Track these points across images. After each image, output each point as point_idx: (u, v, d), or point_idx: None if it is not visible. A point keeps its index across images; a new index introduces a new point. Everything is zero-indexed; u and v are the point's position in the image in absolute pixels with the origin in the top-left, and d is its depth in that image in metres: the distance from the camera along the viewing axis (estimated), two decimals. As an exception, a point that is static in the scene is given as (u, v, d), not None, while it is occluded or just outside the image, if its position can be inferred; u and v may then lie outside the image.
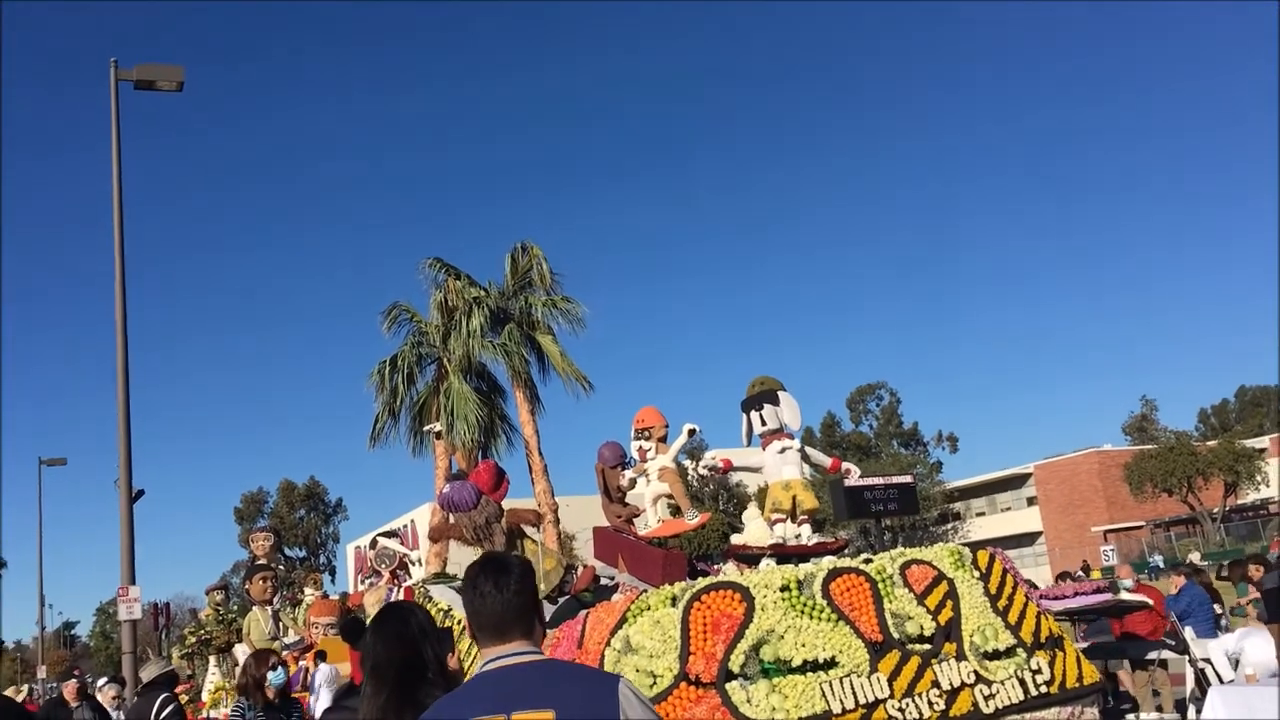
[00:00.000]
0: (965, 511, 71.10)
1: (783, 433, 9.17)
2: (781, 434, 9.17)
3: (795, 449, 9.13)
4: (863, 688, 6.89)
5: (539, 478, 26.70)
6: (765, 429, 9.13)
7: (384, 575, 12.48)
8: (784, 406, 9.17)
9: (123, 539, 18.68)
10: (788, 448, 9.09)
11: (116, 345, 19.16)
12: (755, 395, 9.27)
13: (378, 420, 27.23)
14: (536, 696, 2.80)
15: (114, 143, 19.78)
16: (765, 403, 9.16)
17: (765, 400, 9.17)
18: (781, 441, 9.12)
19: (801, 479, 9.09)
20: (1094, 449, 68.65)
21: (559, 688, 2.85)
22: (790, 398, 9.27)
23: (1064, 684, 7.54)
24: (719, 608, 7.17)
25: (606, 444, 10.27)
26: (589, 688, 2.88)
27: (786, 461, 9.05)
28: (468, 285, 27.31)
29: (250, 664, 6.87)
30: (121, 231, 19.56)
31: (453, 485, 9.96)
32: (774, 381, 9.43)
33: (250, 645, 12.53)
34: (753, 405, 9.22)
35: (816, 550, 8.82)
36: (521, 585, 2.99)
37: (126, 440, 18.92)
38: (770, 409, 9.13)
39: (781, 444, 9.11)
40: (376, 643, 3.53)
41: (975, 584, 7.85)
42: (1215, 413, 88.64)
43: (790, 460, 9.08)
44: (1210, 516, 57.09)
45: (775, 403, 9.15)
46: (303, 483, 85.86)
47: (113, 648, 70.41)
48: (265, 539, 15.12)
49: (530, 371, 27.16)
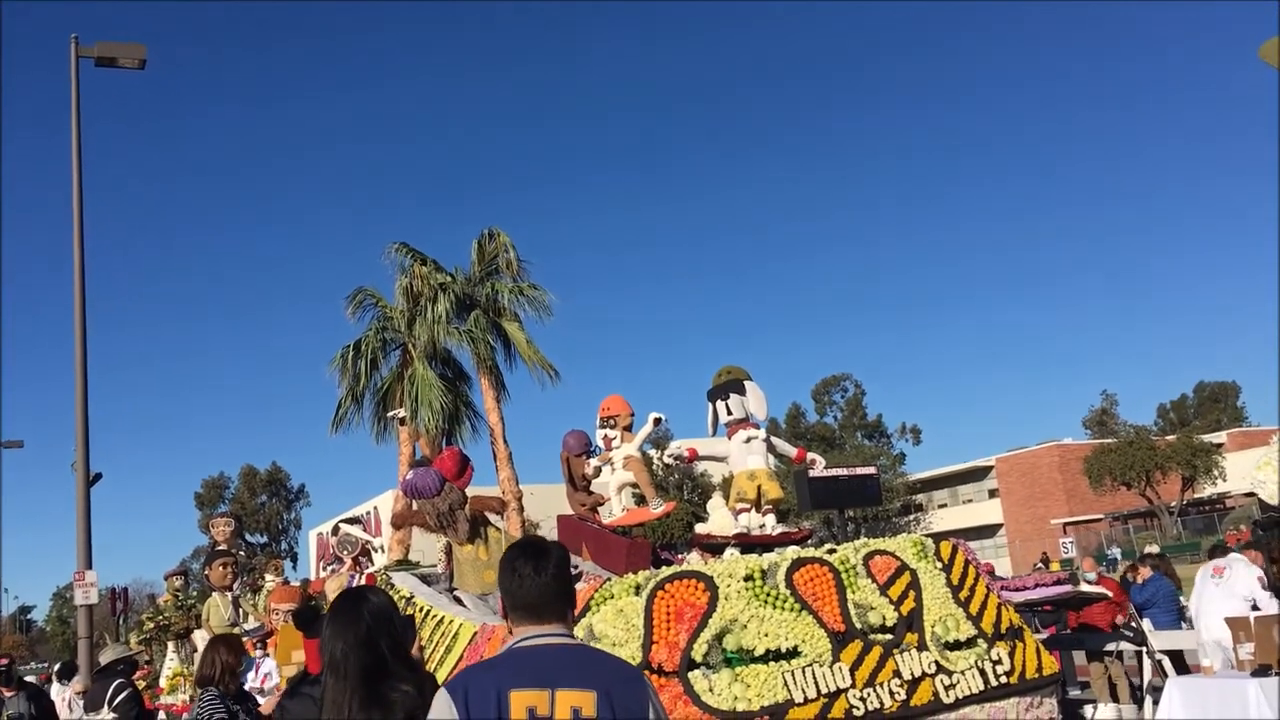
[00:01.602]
0: (927, 503, 71.65)
1: (748, 422, 9.18)
2: (747, 423, 9.17)
3: (761, 438, 9.14)
4: (825, 677, 6.91)
5: (503, 465, 26.60)
6: (731, 418, 9.13)
7: (346, 562, 12.42)
8: (750, 396, 9.17)
9: (79, 523, 18.45)
10: (753, 437, 9.09)
11: (75, 328, 18.91)
12: (721, 385, 9.27)
13: (340, 406, 27.02)
14: (578, 677, 2.86)
15: (74, 122, 19.49)
16: (731, 392, 9.16)
17: (731, 390, 9.17)
18: (747, 431, 9.12)
19: (767, 469, 9.09)
20: (1055, 442, 69.33)
21: (597, 672, 2.92)
22: (756, 387, 9.28)
23: (1024, 674, 7.61)
24: (683, 597, 7.17)
25: (571, 432, 10.24)
26: (623, 676, 2.96)
27: (752, 451, 9.05)
28: (434, 271, 27.13)
29: (223, 651, 6.70)
30: (81, 213, 19.29)
31: (416, 472, 9.90)
32: (740, 371, 9.43)
33: (209, 631, 12.43)
34: (719, 395, 9.22)
35: (781, 540, 8.84)
36: (558, 569, 3.05)
37: (84, 423, 18.69)
38: (736, 398, 9.13)
39: (747, 433, 9.11)
40: (331, 635, 3.46)
41: (938, 575, 7.90)
42: (1174, 408, 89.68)
43: (756, 450, 9.08)
44: (1168, 510, 57.85)
45: (741, 392, 9.15)
46: (264, 468, 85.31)
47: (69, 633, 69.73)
48: (226, 524, 15.00)
49: (496, 359, 27.03)
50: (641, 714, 2.87)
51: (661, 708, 2.96)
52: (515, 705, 2.80)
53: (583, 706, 2.81)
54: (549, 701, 2.81)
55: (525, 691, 2.82)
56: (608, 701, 2.83)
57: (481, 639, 8.61)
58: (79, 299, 18.98)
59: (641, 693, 2.91)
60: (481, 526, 9.91)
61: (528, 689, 2.82)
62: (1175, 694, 8.02)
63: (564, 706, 2.81)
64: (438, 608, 9.53)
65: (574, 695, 2.82)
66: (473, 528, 9.79)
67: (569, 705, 2.81)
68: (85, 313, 19.05)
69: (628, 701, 2.86)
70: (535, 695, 2.81)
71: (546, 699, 2.81)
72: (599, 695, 2.83)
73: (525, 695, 2.81)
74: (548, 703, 2.81)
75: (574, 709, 2.81)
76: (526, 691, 2.82)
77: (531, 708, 2.80)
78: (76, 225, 19.20)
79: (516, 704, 2.80)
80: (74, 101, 19.49)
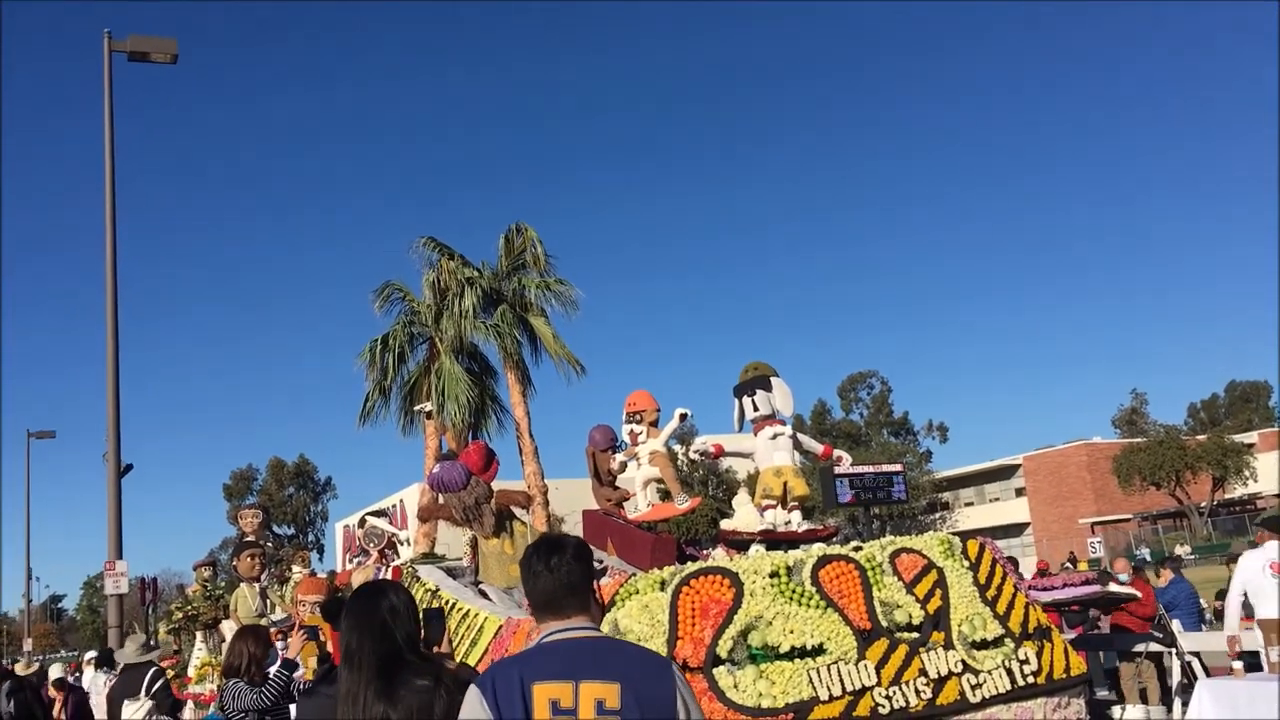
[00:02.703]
0: (954, 501, 71.28)
1: (774, 419, 9.14)
2: (773, 420, 9.14)
3: (787, 435, 9.10)
4: (850, 675, 6.88)
5: (529, 460, 26.65)
6: (757, 415, 9.10)
7: (372, 554, 12.45)
8: (776, 392, 9.14)
9: (110, 513, 18.64)
10: (779, 434, 9.06)
11: (107, 319, 19.08)
12: (748, 381, 9.24)
13: (368, 399, 27.16)
14: (601, 669, 2.86)
15: (107, 115, 19.67)
16: (757, 388, 9.13)
17: (757, 386, 9.14)
18: (773, 427, 9.09)
19: (793, 465, 9.06)
20: (1083, 441, 68.82)
21: (621, 663, 2.92)
22: (783, 384, 9.24)
23: (1051, 674, 7.55)
24: (708, 593, 7.15)
25: (598, 427, 10.23)
26: (648, 667, 2.96)
27: (778, 447, 9.02)
28: (461, 265, 27.20)
29: (250, 642, 6.73)
30: (113, 205, 19.46)
31: (442, 465, 9.91)
32: (767, 367, 9.40)
33: (237, 621, 12.51)
34: (745, 391, 9.19)
35: (806, 537, 8.80)
36: (573, 564, 3.06)
37: (115, 414, 18.86)
38: (762, 395, 9.10)
39: (773, 430, 9.08)
40: (348, 628, 3.47)
41: (965, 573, 7.84)
42: (1205, 407, 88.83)
43: (782, 446, 9.05)
44: (1198, 510, 57.32)
45: (767, 388, 9.12)
46: (292, 461, 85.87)
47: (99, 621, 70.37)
48: (254, 516, 15.08)
49: (522, 353, 27.08)
50: (668, 705, 2.86)
51: (691, 697, 2.95)
52: (538, 697, 2.81)
53: (606, 698, 2.81)
54: (572, 693, 2.81)
55: (548, 684, 2.82)
56: (632, 693, 2.82)
57: (506, 632, 8.62)
58: (111, 291, 19.14)
59: (668, 683, 2.90)
60: (507, 520, 9.93)
61: (551, 681, 2.83)
62: (1205, 696, 7.94)
63: (587, 699, 2.81)
64: (463, 601, 9.55)
65: (597, 687, 2.82)
66: (498, 522, 9.80)
67: (592, 697, 2.81)
68: (117, 305, 19.23)
69: (653, 692, 2.85)
70: (558, 687, 2.82)
71: (570, 691, 2.81)
72: (623, 687, 2.83)
73: (548, 687, 2.82)
74: (571, 695, 2.81)
75: (597, 701, 2.81)
76: (549, 684, 2.82)
77: (554, 700, 2.81)
78: (109, 218, 19.37)
79: (539, 696, 2.81)
80: (106, 95, 19.66)
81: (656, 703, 2.84)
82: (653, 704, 2.84)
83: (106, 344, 18.98)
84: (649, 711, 2.83)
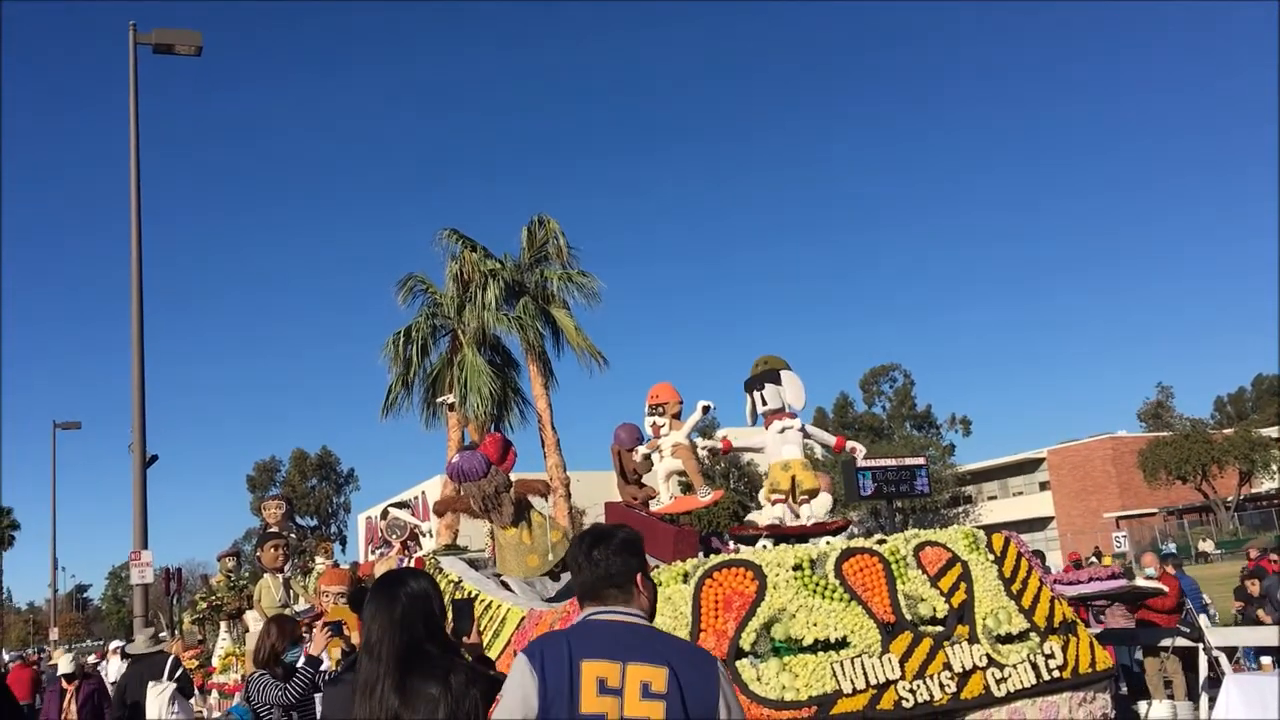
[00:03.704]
0: (977, 495, 70.99)
1: (784, 412, 9.09)
2: (783, 413, 9.08)
3: (796, 428, 9.03)
4: (874, 668, 6.84)
5: (551, 452, 26.69)
6: (767, 408, 9.04)
7: (394, 546, 12.49)
8: (786, 385, 9.07)
9: (135, 504, 18.74)
10: (788, 427, 8.99)
11: (132, 310, 19.18)
12: (757, 375, 9.18)
13: (391, 391, 27.25)
14: (650, 652, 2.88)
15: (131, 107, 19.75)
16: (766, 382, 9.07)
17: (767, 379, 9.08)
18: (782, 421, 9.04)
19: (801, 459, 9.00)
20: (1108, 435, 68.39)
21: (669, 650, 2.94)
22: (794, 376, 9.17)
23: (1076, 669, 7.49)
24: (731, 585, 7.13)
25: (623, 426, 10.20)
26: (694, 657, 2.98)
27: (786, 441, 8.96)
28: (483, 257, 27.25)
29: (273, 632, 6.74)
30: (138, 196, 19.55)
31: (462, 455, 9.93)
32: (778, 360, 9.33)
33: (260, 612, 12.57)
34: (754, 385, 9.14)
35: (815, 531, 8.75)
36: (614, 558, 3.07)
37: (141, 405, 18.97)
38: (772, 388, 9.03)
39: (782, 423, 9.02)
40: (369, 617, 3.44)
41: (989, 567, 7.79)
42: (1232, 401, 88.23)
43: (790, 440, 8.98)
44: (1224, 505, 56.89)
45: (777, 382, 9.05)
46: (315, 452, 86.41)
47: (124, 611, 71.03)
48: (277, 507, 15.15)
49: (544, 345, 27.12)
50: (711, 695, 2.86)
51: (732, 692, 2.95)
52: (586, 675, 2.82)
53: (653, 681, 2.82)
54: (620, 674, 2.82)
55: (596, 662, 2.84)
56: (677, 679, 2.83)
57: (529, 624, 8.62)
58: (136, 282, 19.24)
59: (712, 674, 2.90)
60: (526, 510, 9.93)
61: (599, 660, 2.85)
62: (1233, 691, 7.87)
63: (634, 680, 2.82)
64: (485, 592, 9.56)
65: (645, 670, 2.83)
66: (517, 511, 9.81)
67: (639, 679, 2.82)
68: (142, 296, 19.33)
69: (696, 681, 2.86)
70: (606, 666, 2.83)
71: (617, 671, 2.83)
72: (670, 672, 2.83)
73: (596, 666, 2.83)
74: (618, 675, 2.82)
75: (644, 683, 2.82)
76: (598, 662, 2.84)
77: (602, 679, 2.82)
78: (134, 209, 19.46)
79: (587, 673, 2.82)
80: (132, 87, 19.74)
81: (700, 692, 2.85)
82: (696, 693, 2.84)
83: (131, 335, 19.09)
84: (692, 700, 2.83)
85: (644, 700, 2.80)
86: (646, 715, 2.79)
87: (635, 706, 2.80)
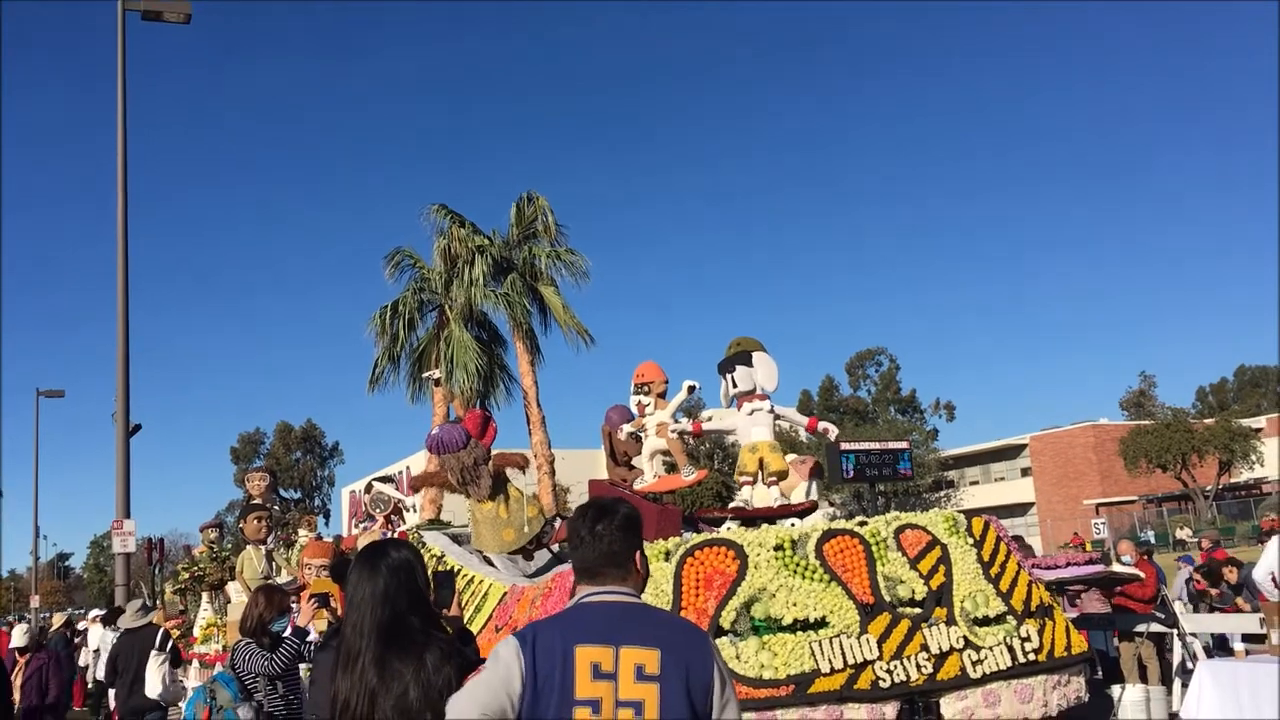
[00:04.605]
0: (959, 480, 71.30)
1: (755, 394, 9.10)
2: (754, 395, 9.09)
3: (765, 410, 9.04)
4: (852, 648, 6.91)
5: (536, 429, 26.71)
6: (737, 390, 9.06)
7: (378, 520, 12.53)
8: (758, 367, 9.07)
9: (119, 473, 18.72)
10: (757, 409, 9.00)
11: (118, 279, 19.11)
12: (729, 357, 9.20)
13: (377, 365, 27.21)
14: (641, 635, 2.89)
15: (120, 73, 19.62)
16: (738, 364, 9.07)
17: (738, 361, 9.09)
18: (752, 403, 9.05)
19: (770, 441, 9.01)
20: (1090, 423, 68.73)
21: (661, 630, 2.95)
22: (766, 357, 9.17)
23: (1052, 652, 7.57)
24: (712, 564, 7.18)
25: (615, 407, 10.21)
26: (687, 635, 2.99)
27: (755, 423, 8.97)
28: (472, 233, 27.17)
29: (260, 602, 6.74)
30: (124, 165, 19.44)
31: (442, 427, 9.96)
32: (750, 342, 9.33)
33: (243, 583, 12.60)
34: (727, 367, 9.15)
35: (780, 512, 8.78)
36: (617, 534, 3.07)
37: (125, 375, 18.92)
38: (743, 370, 9.04)
39: (751, 405, 9.03)
40: (351, 588, 3.44)
41: (969, 550, 7.86)
42: (1213, 391, 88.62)
43: (760, 422, 8.99)
44: (1203, 494, 57.27)
45: (748, 363, 9.06)
46: (300, 425, 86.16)
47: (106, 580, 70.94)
48: (261, 479, 15.17)
49: (531, 322, 27.10)
50: (705, 674, 2.88)
51: (726, 669, 2.97)
52: (580, 659, 2.84)
53: (646, 663, 2.83)
54: (613, 658, 2.83)
55: (590, 647, 2.85)
56: (671, 660, 2.85)
57: (511, 600, 8.66)
58: (122, 251, 19.16)
59: (706, 653, 2.92)
60: (504, 484, 9.96)
61: (592, 644, 2.85)
62: (1206, 677, 7.97)
63: (627, 663, 2.83)
64: (468, 568, 9.60)
65: (638, 652, 2.84)
66: (495, 485, 9.83)
67: (632, 662, 2.83)
68: (128, 265, 19.25)
69: (691, 661, 2.87)
70: (600, 651, 2.84)
71: (610, 655, 2.84)
72: (662, 653, 2.85)
73: (590, 650, 2.84)
74: (612, 659, 2.83)
75: (637, 666, 2.83)
76: (591, 647, 2.85)
77: (596, 663, 2.83)
78: (120, 178, 19.36)
79: (581, 658, 2.84)
80: (120, 54, 19.60)
81: (694, 671, 2.87)
82: (691, 672, 2.86)
83: (117, 304, 19.02)
84: (688, 679, 2.85)
85: (638, 683, 2.82)
86: (641, 698, 2.81)
87: (630, 689, 2.82)
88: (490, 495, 9.80)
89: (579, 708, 2.81)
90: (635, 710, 2.81)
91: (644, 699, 2.81)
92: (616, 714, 2.80)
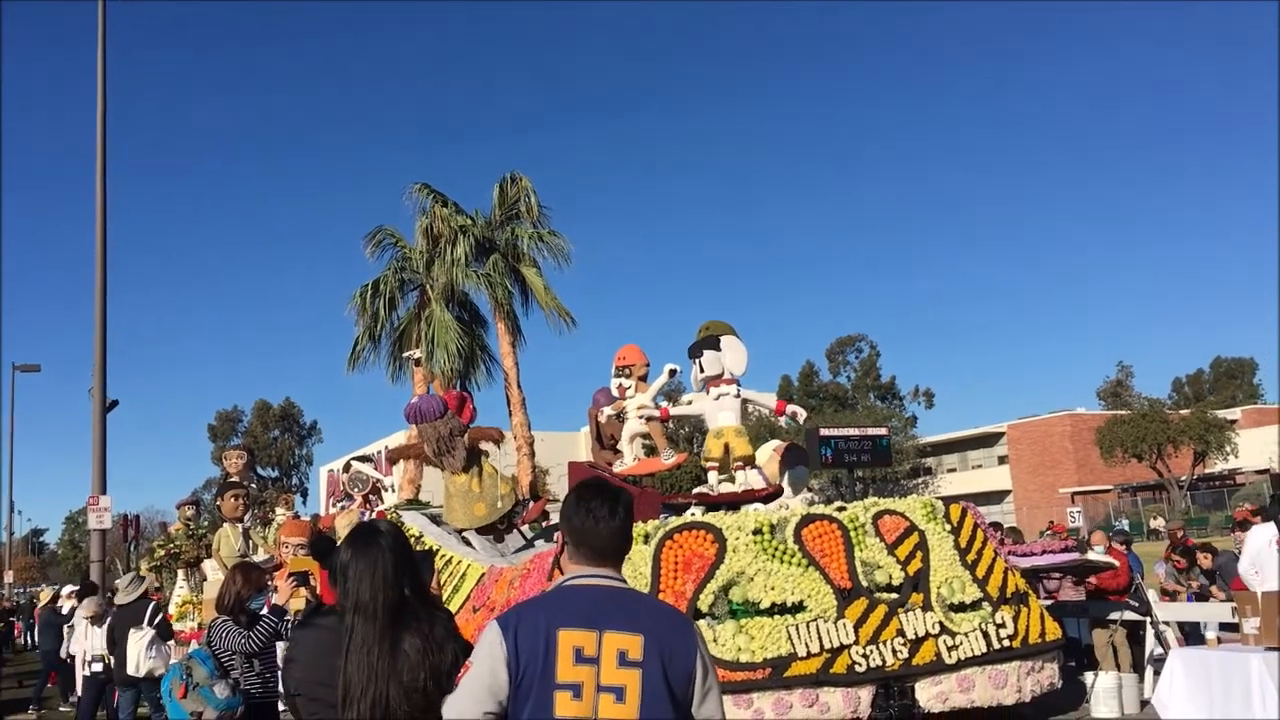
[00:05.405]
0: (937, 467, 71.65)
1: (723, 378, 9.09)
2: (721, 379, 9.08)
3: (732, 395, 9.04)
4: (829, 633, 6.95)
5: (517, 410, 26.66)
6: (705, 375, 9.06)
7: (356, 499, 12.49)
8: (726, 351, 9.06)
9: (95, 448, 18.63)
10: (724, 394, 9.00)
11: (96, 254, 18.97)
12: (698, 341, 9.20)
13: (357, 344, 27.10)
14: (625, 620, 2.88)
15: (100, 51, 19.43)
16: (706, 349, 9.07)
17: (706, 346, 9.09)
18: (719, 388, 9.04)
19: (735, 426, 9.02)
20: (1067, 412, 69.14)
21: (644, 616, 2.93)
22: (735, 341, 9.16)
23: (1026, 639, 7.63)
24: (691, 547, 7.20)
25: (603, 390, 10.21)
26: (671, 621, 2.98)
27: (722, 408, 8.97)
28: (454, 213, 27.04)
29: (238, 579, 6.70)
30: (104, 140, 19.27)
31: (421, 397, 9.96)
32: (720, 326, 9.31)
33: (219, 561, 12.55)
34: (695, 351, 9.15)
35: (744, 498, 8.80)
36: (627, 516, 3.06)
37: (102, 350, 18.80)
38: (711, 354, 9.03)
39: (718, 390, 9.03)
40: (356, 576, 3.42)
41: (946, 537, 7.91)
42: (1190, 382, 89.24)
43: (726, 406, 8.98)
44: (1178, 484, 57.74)
45: (716, 348, 9.05)
46: (278, 403, 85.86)
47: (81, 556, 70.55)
48: (238, 457, 15.09)
49: (513, 303, 27.01)
50: (688, 662, 2.87)
51: (709, 657, 2.96)
52: (562, 644, 2.82)
53: (629, 649, 2.82)
54: (596, 642, 2.82)
55: (573, 631, 2.84)
56: (655, 646, 2.83)
57: (489, 580, 8.67)
58: (100, 227, 19.01)
59: (690, 641, 2.91)
60: (478, 458, 9.96)
61: (576, 629, 2.84)
62: (1177, 665, 8.03)
63: (610, 649, 2.82)
64: (446, 548, 9.60)
65: (621, 638, 2.83)
66: (469, 458, 9.83)
67: (615, 648, 2.82)
68: (106, 240, 19.10)
69: (674, 647, 2.86)
70: (583, 635, 2.83)
71: (594, 640, 2.82)
72: (646, 639, 2.84)
73: (573, 635, 2.83)
74: (595, 644, 2.82)
75: (620, 651, 2.82)
76: (574, 631, 2.84)
77: (579, 648, 2.82)
78: (100, 154, 19.19)
79: (564, 643, 2.82)
80: (100, 28, 19.41)
81: (677, 658, 2.85)
82: (674, 658, 2.85)
83: (95, 279, 18.89)
84: (670, 666, 2.84)
85: (620, 668, 2.81)
86: (623, 683, 2.80)
87: (612, 675, 2.81)
88: (464, 468, 9.80)
89: (560, 691, 2.79)
90: (616, 695, 2.79)
91: (625, 684, 2.80)
92: (597, 699, 2.79)
